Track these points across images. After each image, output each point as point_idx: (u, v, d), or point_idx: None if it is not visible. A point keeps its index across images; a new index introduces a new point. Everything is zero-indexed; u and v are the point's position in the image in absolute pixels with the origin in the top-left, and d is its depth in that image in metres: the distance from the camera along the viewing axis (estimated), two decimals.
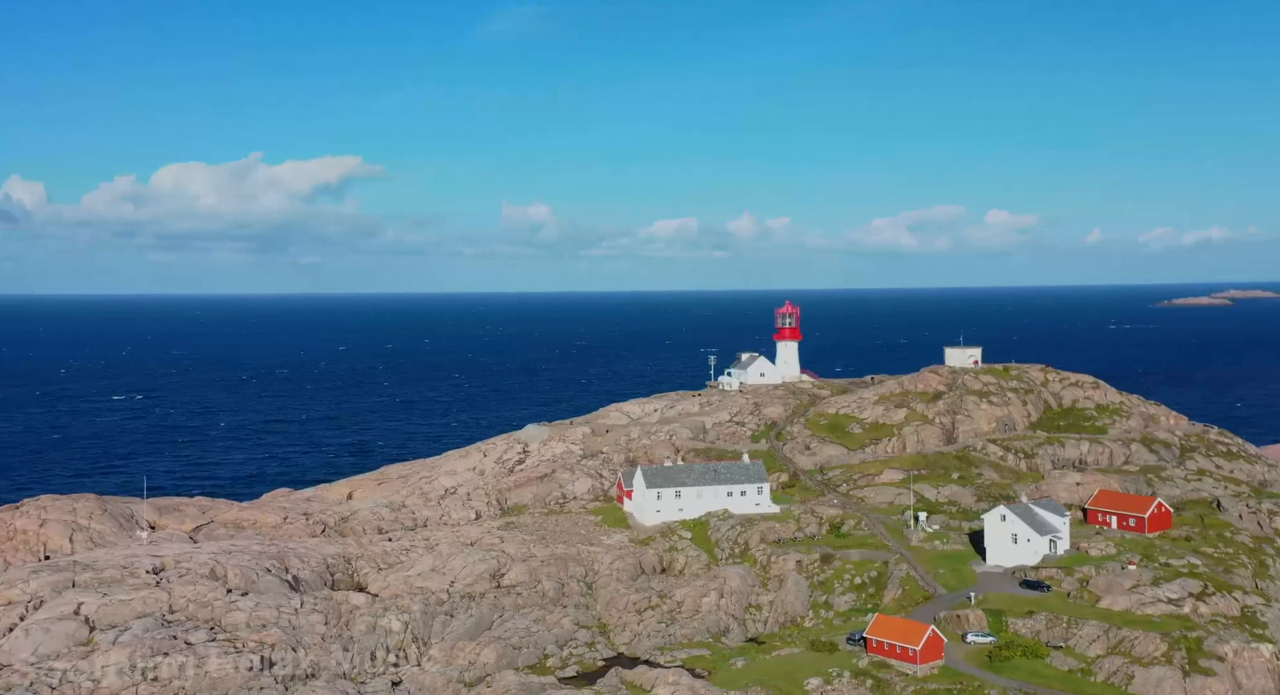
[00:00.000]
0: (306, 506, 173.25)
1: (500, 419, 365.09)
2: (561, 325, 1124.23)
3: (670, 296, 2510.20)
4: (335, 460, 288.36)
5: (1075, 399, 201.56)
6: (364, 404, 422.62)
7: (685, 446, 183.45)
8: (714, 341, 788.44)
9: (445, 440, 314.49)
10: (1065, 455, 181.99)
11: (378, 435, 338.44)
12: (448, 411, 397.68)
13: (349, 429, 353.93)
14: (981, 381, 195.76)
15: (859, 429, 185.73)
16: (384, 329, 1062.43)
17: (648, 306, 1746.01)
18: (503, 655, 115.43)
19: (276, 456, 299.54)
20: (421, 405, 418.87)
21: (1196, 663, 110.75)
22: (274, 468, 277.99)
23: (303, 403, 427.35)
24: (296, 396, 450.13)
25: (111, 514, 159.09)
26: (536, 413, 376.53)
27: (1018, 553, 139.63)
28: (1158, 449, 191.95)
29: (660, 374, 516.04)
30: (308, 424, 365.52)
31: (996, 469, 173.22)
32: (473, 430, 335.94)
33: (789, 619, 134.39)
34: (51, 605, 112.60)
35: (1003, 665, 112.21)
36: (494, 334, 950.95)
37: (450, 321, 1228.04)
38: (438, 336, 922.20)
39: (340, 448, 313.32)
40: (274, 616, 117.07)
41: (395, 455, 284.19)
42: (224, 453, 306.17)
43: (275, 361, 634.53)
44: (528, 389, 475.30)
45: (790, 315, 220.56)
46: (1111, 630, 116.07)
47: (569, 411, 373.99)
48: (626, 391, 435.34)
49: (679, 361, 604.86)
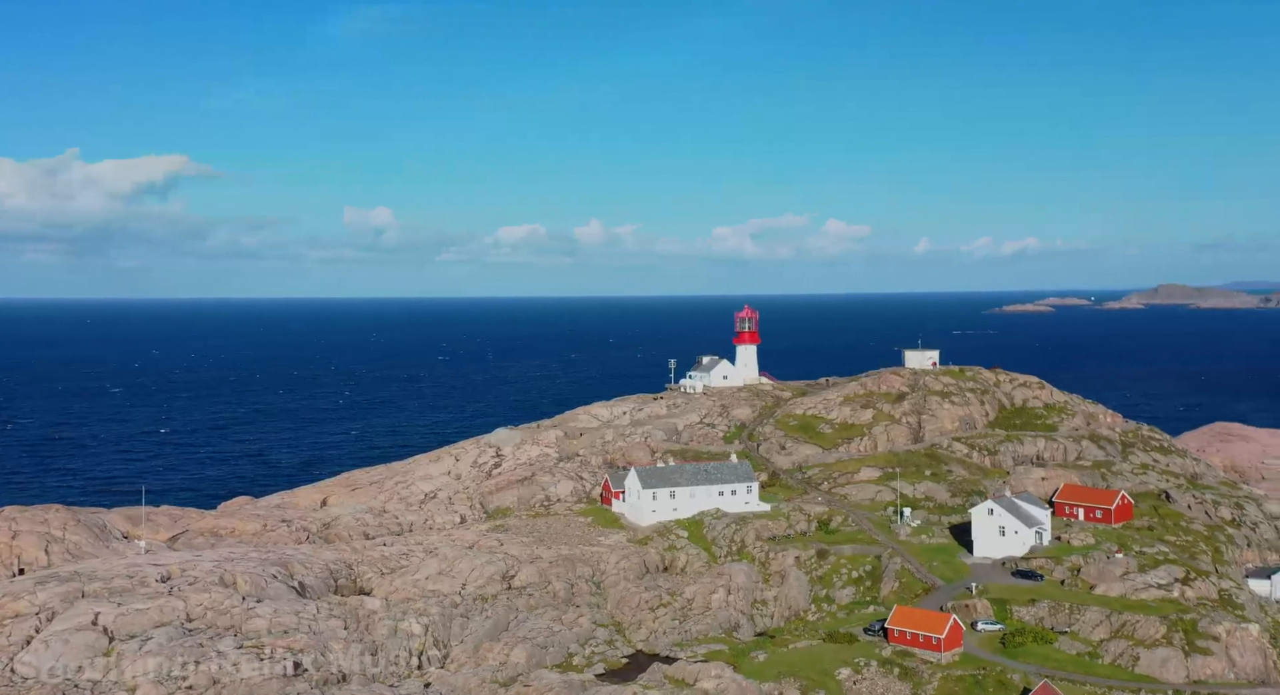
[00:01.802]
0: (281, 514, 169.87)
1: (399, 426, 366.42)
2: (422, 330, 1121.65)
3: (520, 302, 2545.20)
4: (258, 470, 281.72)
5: (1025, 398, 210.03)
6: (243, 411, 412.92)
7: (660, 448, 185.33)
8: (580, 346, 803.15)
9: (348, 448, 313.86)
10: (1024, 452, 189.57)
11: (276, 445, 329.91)
12: (343, 419, 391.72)
13: (251, 439, 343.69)
14: (942, 382, 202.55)
15: (829, 429, 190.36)
16: (234, 334, 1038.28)
17: (501, 312, 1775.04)
18: (532, 655, 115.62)
19: (174, 467, 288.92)
20: (309, 414, 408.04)
21: (1194, 643, 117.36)
22: (176, 478, 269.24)
23: (183, 410, 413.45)
24: (171, 404, 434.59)
25: (85, 525, 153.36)
26: (443, 419, 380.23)
27: (1005, 544, 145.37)
28: (1104, 445, 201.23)
29: (573, 380, 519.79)
30: (199, 433, 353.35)
31: (964, 466, 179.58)
32: (379, 439, 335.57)
33: (793, 613, 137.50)
34: (67, 616, 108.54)
35: (1016, 650, 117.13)
36: (359, 341, 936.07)
37: (304, 327, 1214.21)
38: (301, 342, 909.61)
39: (245, 458, 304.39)
40: (294, 622, 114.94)
41: (302, 465, 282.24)
42: (120, 463, 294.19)
43: (118, 369, 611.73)
44: (413, 395, 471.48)
45: (749, 319, 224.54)
46: (1113, 615, 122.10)
47: (467, 417, 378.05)
48: (528, 397, 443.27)
49: (588, 366, 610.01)
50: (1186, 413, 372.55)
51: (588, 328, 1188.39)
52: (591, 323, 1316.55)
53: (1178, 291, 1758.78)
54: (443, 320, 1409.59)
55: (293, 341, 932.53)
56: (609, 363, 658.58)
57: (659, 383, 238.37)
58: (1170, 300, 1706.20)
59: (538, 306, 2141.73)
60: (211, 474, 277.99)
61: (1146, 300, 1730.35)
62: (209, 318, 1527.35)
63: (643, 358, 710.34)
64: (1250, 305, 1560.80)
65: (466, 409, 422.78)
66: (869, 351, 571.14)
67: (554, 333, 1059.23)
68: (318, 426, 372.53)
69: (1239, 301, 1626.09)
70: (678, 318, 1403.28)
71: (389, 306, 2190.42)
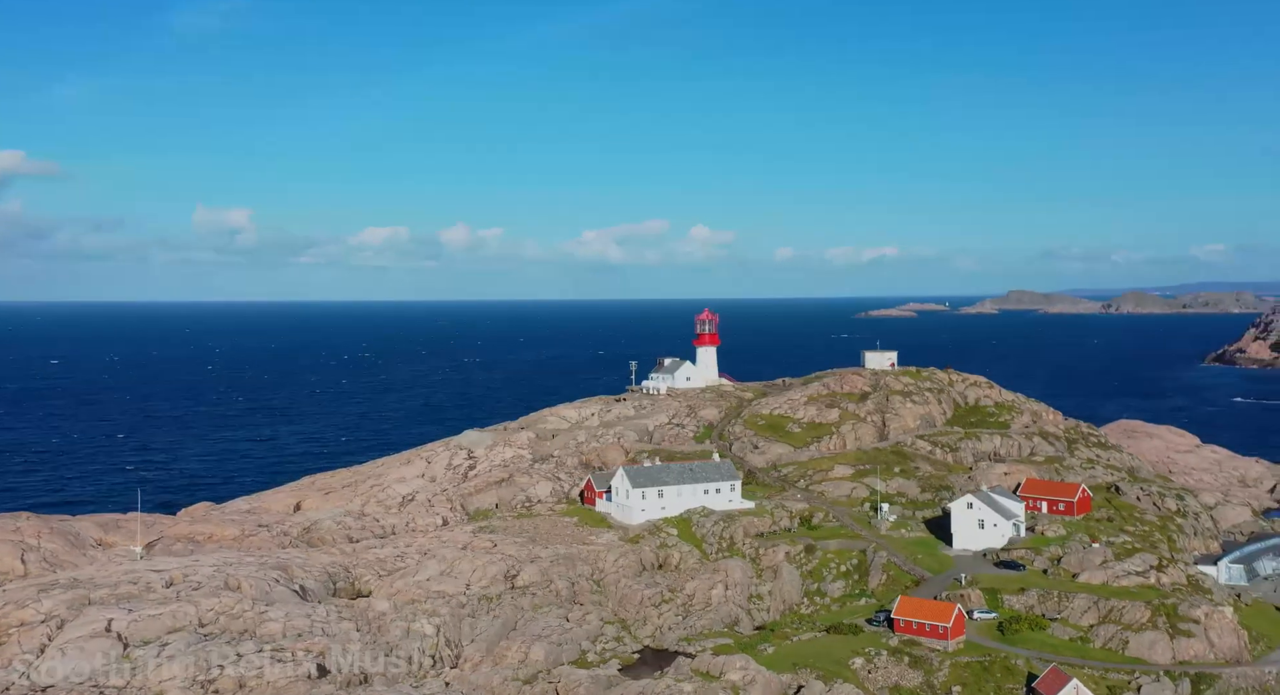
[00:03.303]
0: (257, 519, 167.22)
1: (316, 434, 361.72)
2: (293, 336, 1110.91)
3: (385, 306, 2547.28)
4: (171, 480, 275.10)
5: (978, 398, 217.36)
6: (133, 418, 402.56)
7: (633, 448, 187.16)
8: (472, 351, 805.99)
9: (262, 457, 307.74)
10: (982, 448, 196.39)
11: (184, 453, 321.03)
12: (246, 425, 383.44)
13: (158, 447, 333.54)
14: (902, 382, 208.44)
15: (798, 428, 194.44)
16: (88, 340, 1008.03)
17: (364, 317, 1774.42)
18: (549, 653, 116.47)
19: (83, 477, 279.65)
20: (204, 421, 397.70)
21: (1177, 626, 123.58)
22: (86, 489, 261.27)
23: (74, 418, 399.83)
24: (56, 412, 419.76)
25: (58, 532, 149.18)
26: (358, 425, 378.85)
27: (985, 537, 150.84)
28: (1053, 441, 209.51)
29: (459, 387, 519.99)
30: (98, 442, 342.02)
31: (930, 462, 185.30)
32: (295, 447, 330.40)
33: (787, 607, 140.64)
34: (79, 623, 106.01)
35: (1014, 637, 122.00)
36: (241, 346, 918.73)
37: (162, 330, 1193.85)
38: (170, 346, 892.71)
39: (153, 467, 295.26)
40: (307, 625, 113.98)
41: (223, 473, 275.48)
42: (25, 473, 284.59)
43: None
44: (313, 401, 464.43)
45: (709, 322, 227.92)
46: (1100, 601, 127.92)
47: (385, 424, 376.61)
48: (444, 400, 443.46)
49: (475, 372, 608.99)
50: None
51: (471, 331, 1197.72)
52: (473, 327, 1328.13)
53: (1027, 297, 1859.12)
54: (307, 325, 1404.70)
55: (160, 345, 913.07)
56: (510, 366, 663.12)
57: (579, 381, 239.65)
58: (1021, 306, 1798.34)
59: (402, 311, 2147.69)
60: (118, 482, 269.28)
61: (999, 305, 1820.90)
62: (55, 322, 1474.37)
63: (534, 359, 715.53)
64: (1093, 311, 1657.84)
65: (377, 414, 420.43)
66: (763, 356, 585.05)
67: (436, 337, 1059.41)
68: (224, 433, 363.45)
69: (1083, 307, 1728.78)
70: (542, 323, 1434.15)
71: (247, 310, 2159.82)
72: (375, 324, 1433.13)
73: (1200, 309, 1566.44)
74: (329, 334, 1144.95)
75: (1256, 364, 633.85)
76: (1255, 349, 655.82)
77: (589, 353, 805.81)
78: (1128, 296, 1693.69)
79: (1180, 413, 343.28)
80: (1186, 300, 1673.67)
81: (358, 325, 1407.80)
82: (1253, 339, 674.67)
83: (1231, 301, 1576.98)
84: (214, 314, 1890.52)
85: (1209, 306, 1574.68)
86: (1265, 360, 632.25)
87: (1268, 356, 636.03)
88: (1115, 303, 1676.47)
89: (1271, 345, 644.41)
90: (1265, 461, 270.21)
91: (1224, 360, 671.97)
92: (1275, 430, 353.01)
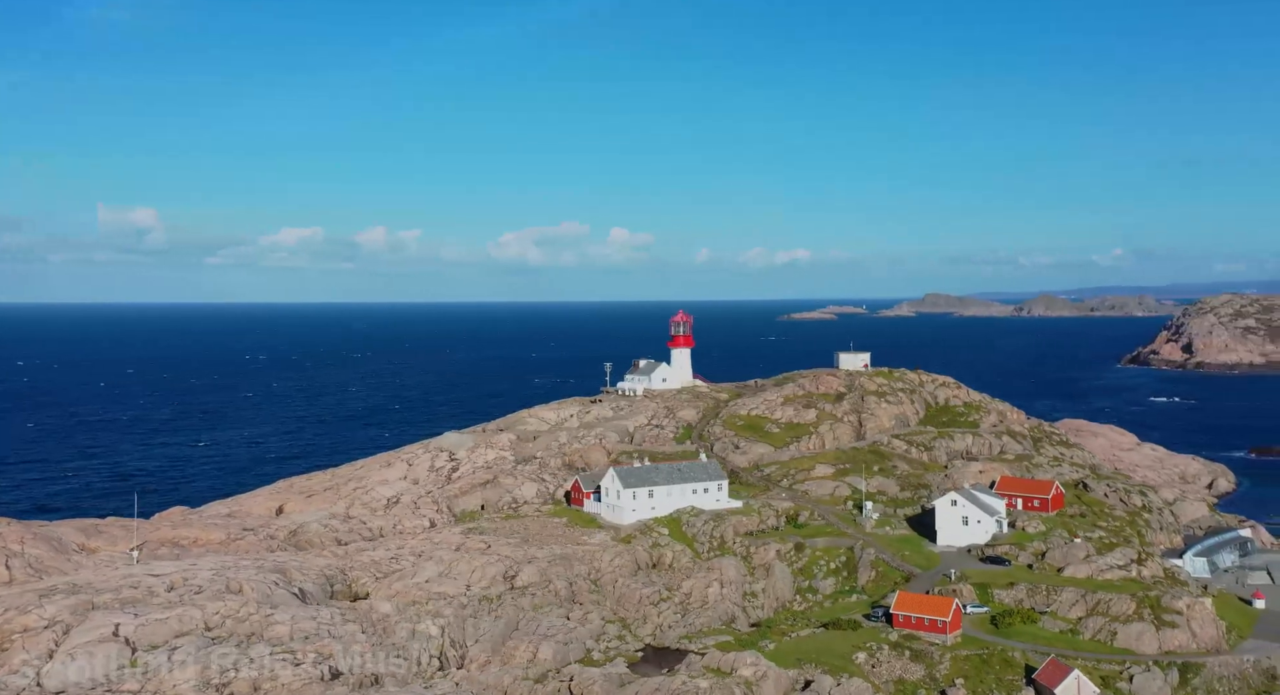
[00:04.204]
0: (241, 522, 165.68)
1: (258, 438, 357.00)
2: (211, 338, 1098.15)
3: (301, 308, 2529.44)
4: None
5: (947, 398, 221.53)
6: (64, 422, 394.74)
7: (615, 450, 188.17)
8: (402, 353, 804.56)
9: (205, 463, 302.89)
10: (955, 447, 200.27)
11: (125, 458, 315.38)
12: (181, 430, 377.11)
13: (98, 451, 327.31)
14: (876, 383, 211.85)
15: (776, 429, 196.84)
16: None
17: (280, 319, 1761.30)
18: (557, 652, 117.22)
19: (21, 485, 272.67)
20: (140, 426, 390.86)
21: (1161, 618, 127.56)
22: (28, 495, 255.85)
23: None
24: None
25: (41, 538, 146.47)
26: (299, 428, 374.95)
27: (969, 533, 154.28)
28: (1021, 440, 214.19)
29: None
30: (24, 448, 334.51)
31: (906, 461, 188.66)
32: (239, 451, 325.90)
33: (780, 604, 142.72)
34: (85, 628, 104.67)
35: (1008, 630, 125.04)
36: (158, 349, 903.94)
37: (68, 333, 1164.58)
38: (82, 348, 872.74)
39: (96, 472, 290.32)
40: (314, 628, 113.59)
41: (170, 479, 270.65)
42: None
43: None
44: (245, 406, 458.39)
45: (683, 323, 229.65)
46: (1087, 595, 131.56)
47: (324, 428, 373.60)
48: (385, 403, 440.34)
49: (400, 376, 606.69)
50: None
51: (396, 333, 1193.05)
52: (398, 329, 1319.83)
53: (942, 300, 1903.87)
54: (223, 327, 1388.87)
55: (71, 348, 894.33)
56: (443, 369, 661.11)
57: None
58: (937, 309, 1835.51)
59: (320, 313, 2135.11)
60: (59, 490, 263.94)
61: (916, 308, 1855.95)
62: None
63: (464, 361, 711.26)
64: (1006, 313, 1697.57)
65: (316, 417, 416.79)
66: (697, 359, 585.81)
67: (363, 340, 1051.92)
68: (163, 437, 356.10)
69: (996, 310, 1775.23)
70: (465, 325, 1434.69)
71: (157, 312, 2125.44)
72: (294, 326, 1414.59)
73: (1106, 312, 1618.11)
74: (247, 336, 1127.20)
75: (1169, 365, 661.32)
76: (1168, 351, 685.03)
77: (521, 354, 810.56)
78: (1038, 300, 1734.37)
79: (1107, 413, 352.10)
80: (1093, 304, 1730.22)
81: (276, 327, 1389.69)
82: (1165, 341, 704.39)
83: (1135, 305, 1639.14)
84: (123, 316, 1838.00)
85: (1114, 309, 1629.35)
86: (1177, 361, 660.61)
87: (1179, 358, 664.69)
88: (1027, 306, 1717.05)
89: (1183, 347, 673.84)
90: (1200, 458, 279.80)
91: (1139, 361, 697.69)
92: (1195, 429, 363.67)
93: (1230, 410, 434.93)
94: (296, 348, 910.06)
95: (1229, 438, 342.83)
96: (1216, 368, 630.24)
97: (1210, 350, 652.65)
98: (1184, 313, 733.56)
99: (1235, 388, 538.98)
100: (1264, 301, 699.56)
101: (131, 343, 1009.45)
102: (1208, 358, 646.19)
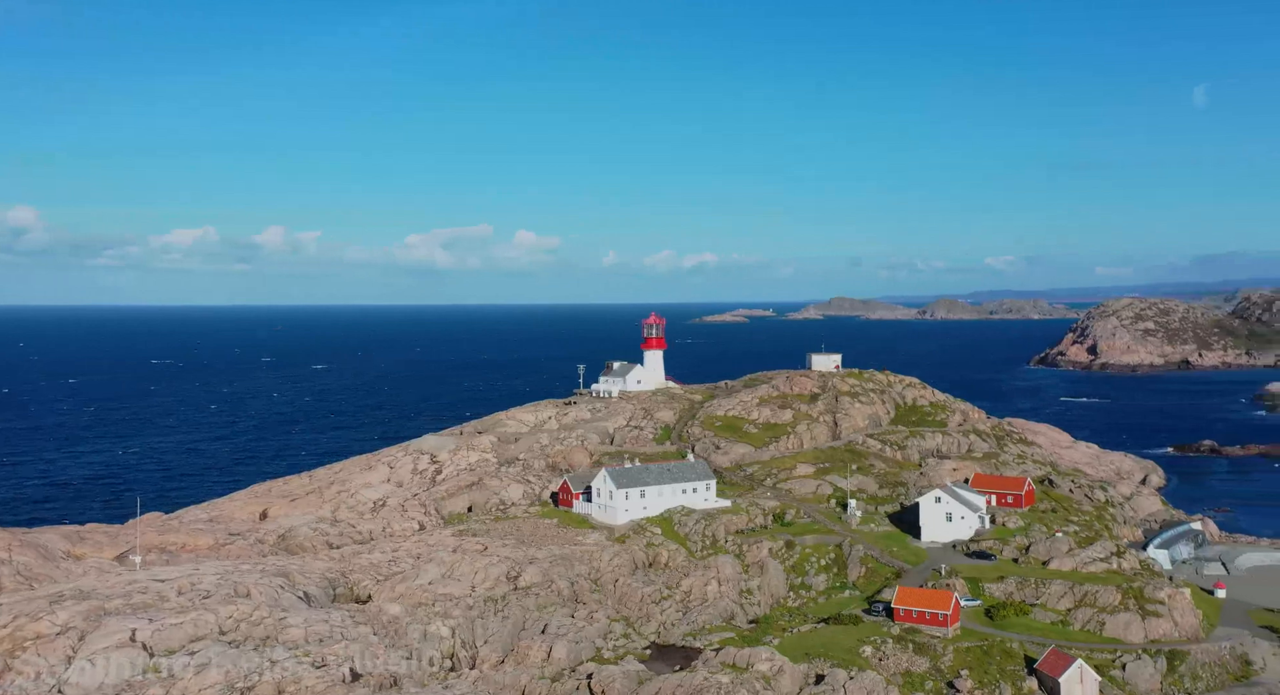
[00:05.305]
0: (227, 527, 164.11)
1: (195, 444, 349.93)
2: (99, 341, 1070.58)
3: (196, 311, 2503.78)
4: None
5: (915, 398, 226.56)
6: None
7: (597, 451, 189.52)
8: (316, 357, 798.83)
9: (142, 469, 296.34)
10: (926, 446, 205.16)
11: (60, 464, 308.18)
12: (105, 438, 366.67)
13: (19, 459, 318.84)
14: (848, 384, 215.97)
15: (754, 429, 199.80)
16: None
17: (175, 321, 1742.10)
18: (570, 651, 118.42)
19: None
20: (58, 433, 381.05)
21: (1145, 608, 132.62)
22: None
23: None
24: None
25: (28, 545, 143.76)
26: (228, 434, 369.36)
27: (953, 529, 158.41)
28: (985, 438, 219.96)
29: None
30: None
31: (882, 460, 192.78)
32: (177, 458, 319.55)
33: (775, 601, 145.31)
34: (101, 634, 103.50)
35: (1003, 622, 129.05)
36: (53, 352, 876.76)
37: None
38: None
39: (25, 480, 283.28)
40: (327, 630, 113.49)
41: (108, 487, 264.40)
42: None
43: None
44: (164, 411, 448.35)
45: (656, 326, 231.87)
46: (1074, 587, 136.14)
47: (253, 432, 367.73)
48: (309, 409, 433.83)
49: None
50: None
51: (305, 337, 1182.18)
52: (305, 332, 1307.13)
53: (848, 303, 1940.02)
54: (114, 330, 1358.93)
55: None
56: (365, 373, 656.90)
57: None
58: (843, 312, 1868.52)
59: (218, 316, 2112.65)
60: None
61: (823, 311, 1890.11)
62: None
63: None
64: (910, 316, 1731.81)
65: (245, 422, 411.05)
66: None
67: (273, 344, 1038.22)
68: (87, 444, 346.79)
69: (900, 313, 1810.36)
70: (370, 329, 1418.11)
71: (37, 315, 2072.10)
72: (203, 330, 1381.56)
73: (1004, 315, 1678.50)
74: (149, 340, 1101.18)
75: (1076, 366, 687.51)
76: (1074, 352, 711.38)
77: (439, 357, 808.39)
78: (940, 303, 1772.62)
79: (1026, 413, 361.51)
80: (992, 307, 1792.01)
81: (177, 331, 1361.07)
82: (1071, 343, 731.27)
83: (1030, 308, 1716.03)
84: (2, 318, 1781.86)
85: (1011, 313, 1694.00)
86: (1083, 362, 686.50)
87: (1085, 359, 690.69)
88: (930, 309, 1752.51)
89: (1088, 349, 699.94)
90: (1132, 455, 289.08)
91: (1047, 362, 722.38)
92: (1114, 428, 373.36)
93: (1141, 409, 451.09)
94: (205, 352, 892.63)
95: (1148, 436, 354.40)
96: (1120, 369, 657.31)
97: (1114, 351, 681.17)
98: (1088, 315, 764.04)
99: (1140, 387, 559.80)
100: (1160, 305, 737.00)
101: (32, 346, 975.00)
102: (1111, 359, 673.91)
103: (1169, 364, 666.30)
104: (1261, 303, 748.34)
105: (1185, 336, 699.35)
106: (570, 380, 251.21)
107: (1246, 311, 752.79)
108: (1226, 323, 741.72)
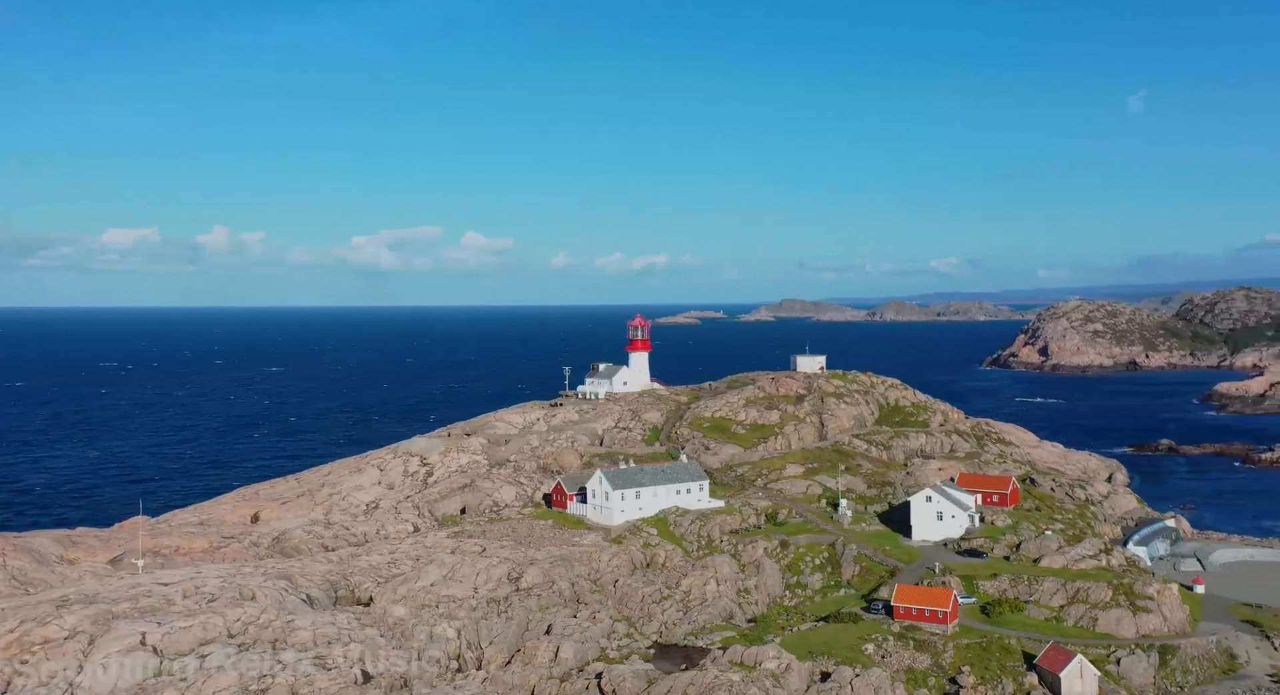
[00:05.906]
0: (219, 530, 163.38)
1: (156, 446, 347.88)
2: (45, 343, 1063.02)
3: (138, 313, 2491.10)
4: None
5: (897, 398, 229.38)
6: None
7: (588, 452, 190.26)
8: (271, 359, 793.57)
9: (104, 473, 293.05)
10: (911, 446, 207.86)
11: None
12: (62, 441, 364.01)
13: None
14: (833, 385, 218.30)
15: (742, 430, 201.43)
16: None
17: (118, 323, 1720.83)
18: (577, 651, 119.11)
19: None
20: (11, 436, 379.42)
21: (1136, 603, 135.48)
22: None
23: None
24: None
25: (21, 549, 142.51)
26: (192, 439, 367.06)
27: (944, 528, 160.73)
28: (966, 438, 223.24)
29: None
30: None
31: (868, 460, 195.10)
32: (138, 461, 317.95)
33: (772, 600, 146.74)
34: (111, 638, 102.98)
35: (999, 619, 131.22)
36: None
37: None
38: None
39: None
40: (334, 632, 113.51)
41: (69, 492, 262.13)
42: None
43: None
44: (124, 415, 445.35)
45: (641, 328, 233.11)
46: (1067, 584, 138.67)
47: (227, 434, 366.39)
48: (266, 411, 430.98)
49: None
50: None
51: (253, 339, 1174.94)
52: (251, 335, 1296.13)
53: (798, 305, 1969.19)
54: (52, 332, 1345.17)
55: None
56: (322, 375, 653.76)
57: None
58: (793, 313, 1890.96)
59: (161, 317, 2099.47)
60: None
61: (774, 313, 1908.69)
62: None
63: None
64: (860, 318, 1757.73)
65: (204, 425, 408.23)
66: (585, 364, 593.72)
67: (224, 346, 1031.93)
68: (40, 450, 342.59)
69: (849, 315, 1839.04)
70: (318, 332, 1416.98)
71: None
72: (143, 331, 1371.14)
73: (952, 317, 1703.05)
74: (94, 343, 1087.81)
75: (1028, 367, 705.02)
76: (1026, 353, 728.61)
77: (392, 359, 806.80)
78: (889, 305, 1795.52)
79: (988, 413, 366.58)
80: (940, 309, 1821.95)
81: (118, 332, 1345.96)
82: (1023, 344, 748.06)
83: (976, 310, 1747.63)
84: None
85: (959, 314, 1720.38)
86: (1035, 363, 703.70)
87: (1037, 360, 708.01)
88: (879, 311, 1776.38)
89: (1040, 350, 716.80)
90: (1096, 454, 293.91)
91: (999, 363, 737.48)
92: (1071, 428, 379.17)
93: (1095, 410, 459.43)
94: (155, 354, 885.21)
95: (1104, 435, 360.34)
96: (1070, 370, 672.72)
97: (1064, 353, 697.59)
98: (1039, 317, 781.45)
99: (1092, 388, 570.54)
100: (1108, 307, 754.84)
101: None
102: (1062, 360, 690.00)
103: (1117, 365, 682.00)
104: (1204, 305, 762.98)
105: (1132, 338, 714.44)
106: (533, 382, 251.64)
107: (1190, 313, 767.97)
108: (1171, 324, 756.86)
